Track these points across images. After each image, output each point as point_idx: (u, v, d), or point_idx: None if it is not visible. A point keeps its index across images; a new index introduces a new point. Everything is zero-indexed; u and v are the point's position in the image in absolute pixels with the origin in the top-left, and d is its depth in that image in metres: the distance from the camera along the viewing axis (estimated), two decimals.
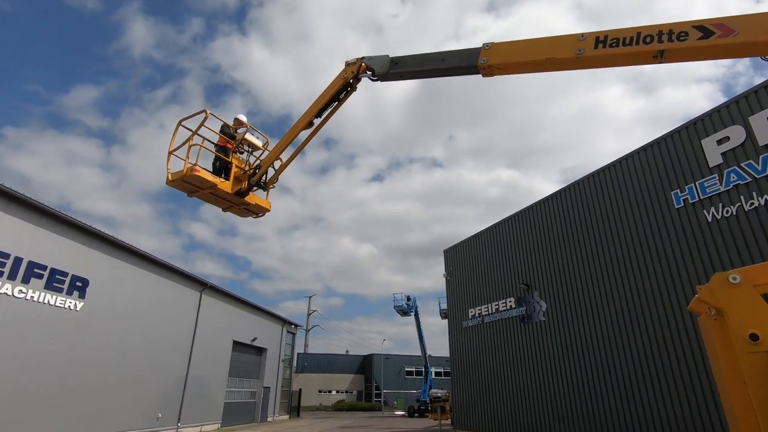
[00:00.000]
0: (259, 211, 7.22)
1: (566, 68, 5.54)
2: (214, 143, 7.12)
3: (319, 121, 6.84)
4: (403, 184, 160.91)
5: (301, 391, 39.53)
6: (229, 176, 6.69)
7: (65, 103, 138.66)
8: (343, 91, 6.73)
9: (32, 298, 13.45)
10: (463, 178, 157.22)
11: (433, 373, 44.07)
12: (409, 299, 40.00)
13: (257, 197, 7.09)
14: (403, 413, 44.20)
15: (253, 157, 7.27)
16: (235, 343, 25.82)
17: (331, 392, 56.52)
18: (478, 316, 22.52)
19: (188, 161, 6.39)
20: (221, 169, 6.85)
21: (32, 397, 13.25)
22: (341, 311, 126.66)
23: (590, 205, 17.22)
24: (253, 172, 6.92)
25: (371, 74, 6.48)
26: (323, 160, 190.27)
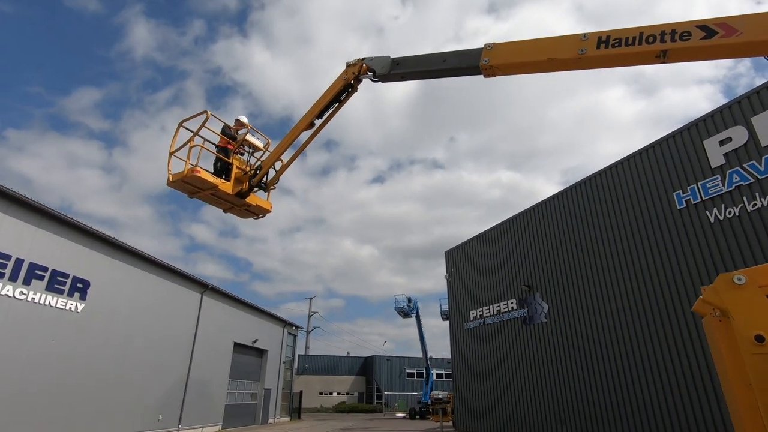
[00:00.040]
0: (259, 212, 7.24)
1: (568, 68, 5.52)
2: (215, 144, 7.12)
3: (320, 122, 6.85)
4: (404, 185, 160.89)
5: (302, 392, 39.47)
6: (229, 177, 6.71)
7: (67, 105, 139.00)
8: (344, 92, 6.74)
9: (33, 299, 13.45)
10: (463, 179, 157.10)
11: (434, 374, 43.97)
12: (410, 301, 39.93)
13: (258, 198, 7.11)
14: (404, 415, 44.07)
15: (253, 158, 7.31)
16: (236, 344, 25.79)
17: (332, 394, 56.40)
18: (479, 317, 22.47)
19: (189, 162, 6.39)
20: (222, 170, 6.86)
21: (33, 398, 13.23)
22: (342, 313, 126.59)
23: (592, 206, 17.18)
24: (253, 173, 6.95)
25: (372, 75, 6.48)
26: (324, 161, 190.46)
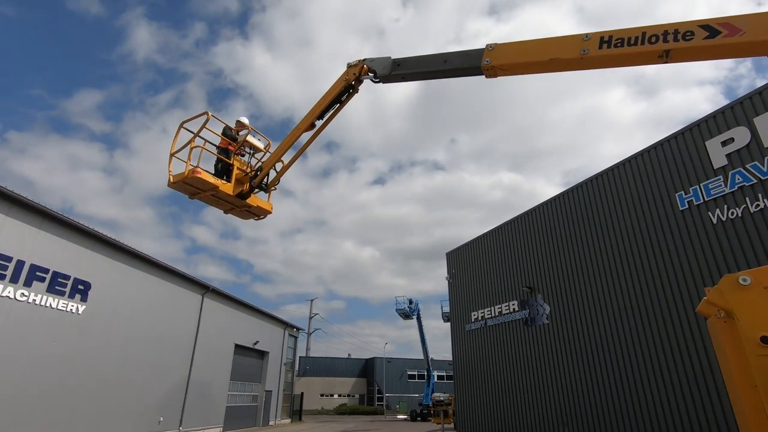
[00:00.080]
0: (260, 213, 7.22)
1: (570, 69, 5.49)
2: (215, 145, 7.11)
3: (321, 123, 6.83)
4: (404, 187, 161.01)
5: (303, 394, 39.43)
6: (230, 178, 6.70)
7: (68, 107, 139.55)
8: (345, 93, 6.72)
9: (34, 301, 13.44)
10: (464, 181, 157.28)
11: (435, 376, 43.84)
12: (411, 302, 39.83)
13: (259, 199, 7.10)
14: (405, 417, 44.01)
15: (254, 159, 7.29)
16: (237, 346, 25.77)
17: (333, 396, 56.31)
18: (480, 319, 22.41)
19: (190, 163, 6.37)
20: (223, 171, 6.84)
21: (34, 400, 13.22)
22: (343, 314, 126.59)
23: (593, 207, 17.13)
24: (254, 174, 6.93)
25: (373, 76, 6.46)
26: (325, 163, 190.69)
